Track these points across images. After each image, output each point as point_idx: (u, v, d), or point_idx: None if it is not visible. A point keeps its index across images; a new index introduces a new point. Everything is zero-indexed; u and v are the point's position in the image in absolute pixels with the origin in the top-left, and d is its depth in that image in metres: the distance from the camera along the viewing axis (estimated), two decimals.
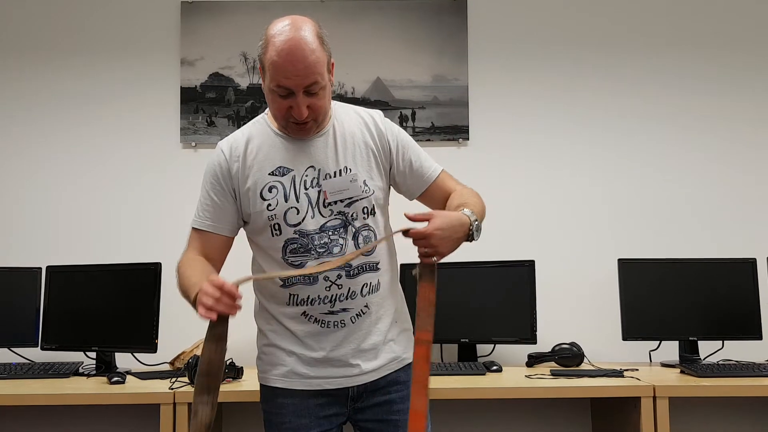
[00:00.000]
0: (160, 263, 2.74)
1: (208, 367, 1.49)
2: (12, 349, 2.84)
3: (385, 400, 1.74)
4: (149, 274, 2.73)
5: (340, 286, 1.67)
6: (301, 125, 1.66)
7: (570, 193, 3.10)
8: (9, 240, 3.03)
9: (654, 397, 2.31)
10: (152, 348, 2.66)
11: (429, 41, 3.09)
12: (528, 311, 2.80)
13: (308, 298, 1.69)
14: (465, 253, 1.85)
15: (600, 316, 2.95)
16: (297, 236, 1.68)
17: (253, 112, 3.09)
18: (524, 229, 3.05)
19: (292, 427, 1.71)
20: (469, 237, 1.60)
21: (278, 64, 1.57)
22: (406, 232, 1.56)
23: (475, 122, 3.08)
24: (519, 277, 2.83)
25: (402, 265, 1.88)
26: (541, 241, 3.02)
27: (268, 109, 1.74)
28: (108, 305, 2.77)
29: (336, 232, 1.68)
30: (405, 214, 1.56)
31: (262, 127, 1.75)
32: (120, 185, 3.08)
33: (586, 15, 3.15)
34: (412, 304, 1.66)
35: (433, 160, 1.84)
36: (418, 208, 1.76)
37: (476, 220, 1.61)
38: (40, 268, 2.88)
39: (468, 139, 3.07)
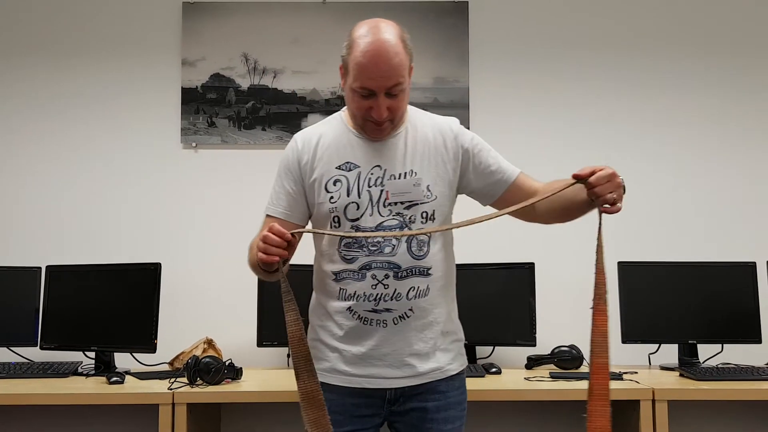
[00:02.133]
0: (160, 263, 2.74)
1: (313, 396, 1.54)
2: (11, 348, 2.84)
3: (421, 407, 1.74)
4: (149, 274, 2.73)
5: (386, 286, 1.68)
6: (378, 125, 1.69)
7: None
8: (9, 240, 3.03)
9: (653, 401, 2.31)
10: (151, 348, 2.66)
11: (430, 43, 3.10)
12: (527, 313, 2.80)
13: (354, 293, 1.70)
14: (465, 255, 1.85)
15: None
16: (353, 231, 1.71)
17: (253, 113, 3.10)
18: (524, 232, 3.03)
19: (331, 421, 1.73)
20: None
21: (363, 65, 1.62)
22: (583, 181, 1.58)
23: (475, 124, 3.08)
24: (519, 279, 2.83)
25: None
26: (541, 243, 3.01)
27: (345, 107, 1.80)
28: (107, 305, 2.77)
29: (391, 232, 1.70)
30: (573, 175, 1.60)
31: (337, 123, 1.80)
32: (120, 185, 3.08)
33: (587, 17, 3.16)
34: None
35: (510, 163, 1.84)
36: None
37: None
38: (40, 268, 2.88)
39: None
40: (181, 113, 3.09)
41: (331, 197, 1.72)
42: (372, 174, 1.72)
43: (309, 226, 1.80)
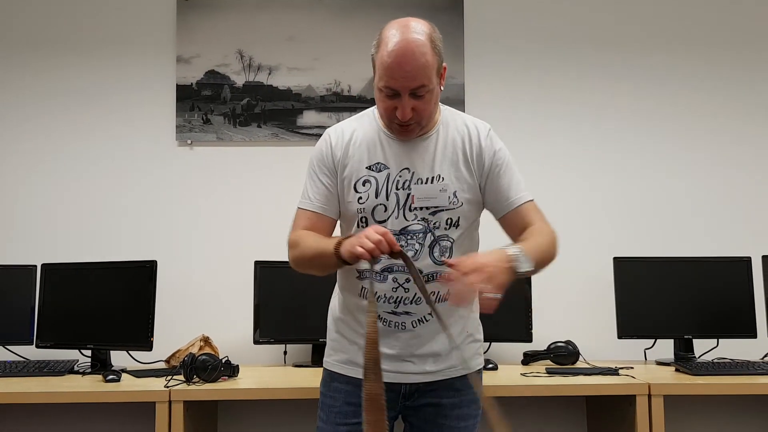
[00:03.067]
0: (156, 261, 2.74)
1: (376, 399, 1.51)
2: (6, 346, 2.83)
3: (435, 403, 1.76)
4: (145, 272, 2.72)
5: (406, 290, 1.70)
6: (404, 126, 1.68)
7: (566, 191, 3.10)
8: (4, 237, 3.02)
9: (649, 395, 2.31)
10: (148, 346, 2.66)
11: None
12: (523, 309, 2.81)
13: (376, 294, 1.71)
14: None
15: (595, 315, 2.96)
16: (409, 256, 1.69)
17: (248, 110, 3.09)
18: None
19: (341, 411, 1.76)
20: (512, 265, 1.54)
21: (388, 65, 1.60)
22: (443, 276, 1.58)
23: None
24: None
25: None
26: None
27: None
28: (103, 303, 2.77)
29: (414, 237, 1.70)
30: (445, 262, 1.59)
31: (369, 120, 1.79)
32: (115, 183, 3.07)
33: (583, 13, 3.16)
34: None
35: (526, 188, 1.80)
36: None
37: (518, 251, 1.56)
38: (35, 266, 2.87)
39: None
40: (176, 110, 3.08)
41: (360, 198, 1.73)
42: (400, 177, 1.72)
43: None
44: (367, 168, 1.74)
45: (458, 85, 3.09)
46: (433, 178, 1.72)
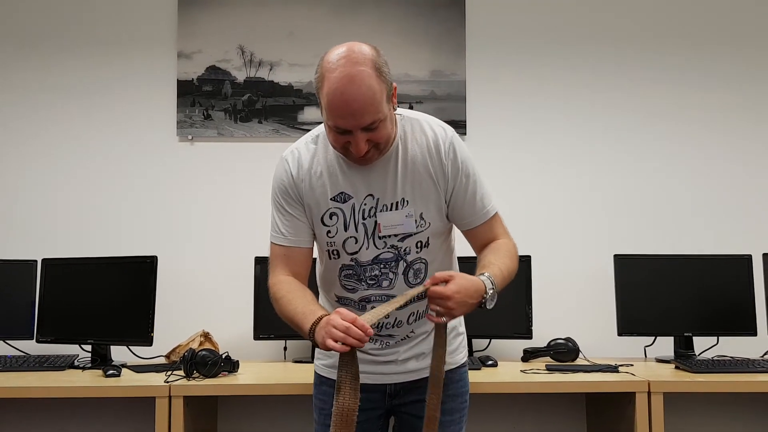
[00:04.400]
0: (156, 257, 2.74)
1: (347, 415, 1.47)
2: (7, 341, 2.83)
3: (421, 399, 1.74)
4: (145, 268, 2.73)
5: (387, 316, 1.64)
6: (364, 158, 1.58)
7: (567, 188, 3.10)
8: (4, 232, 3.02)
9: (649, 393, 2.31)
10: (148, 341, 2.66)
11: (427, 36, 3.09)
12: (524, 306, 2.81)
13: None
14: (461, 249, 1.85)
15: (595, 312, 2.96)
16: (353, 263, 1.69)
17: (249, 106, 3.09)
18: (520, 225, 3.03)
19: (330, 414, 1.74)
20: (481, 304, 1.56)
21: (333, 105, 1.49)
22: (424, 294, 1.55)
23: (472, 117, 3.08)
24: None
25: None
26: (538, 236, 3.02)
27: None
28: (104, 298, 2.77)
29: (387, 266, 1.68)
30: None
31: (325, 144, 1.68)
32: (116, 178, 3.07)
33: (585, 10, 3.15)
34: None
35: (491, 198, 1.74)
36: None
37: (492, 289, 1.56)
38: (36, 261, 2.87)
39: (465, 134, 3.06)
40: (177, 106, 3.08)
41: (329, 231, 1.68)
42: (365, 205, 1.65)
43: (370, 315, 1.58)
44: (331, 199, 1.66)
45: (460, 81, 3.08)
46: (397, 203, 1.65)
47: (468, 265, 2.03)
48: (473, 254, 1.71)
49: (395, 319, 1.71)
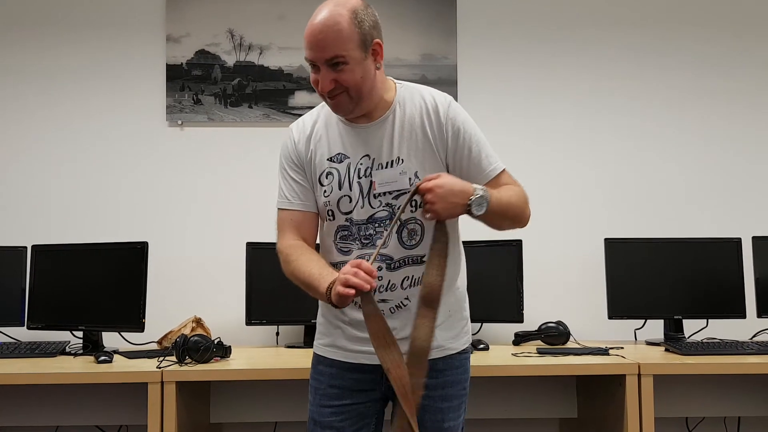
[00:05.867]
0: (147, 242, 2.72)
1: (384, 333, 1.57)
2: None
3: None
4: (136, 254, 2.71)
5: (380, 278, 1.68)
6: (333, 101, 1.66)
7: (557, 172, 3.10)
8: None
9: (639, 375, 2.33)
10: (139, 327, 2.65)
11: (417, 19, 3.07)
12: (515, 290, 2.82)
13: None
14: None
15: (586, 295, 2.97)
16: (348, 224, 1.71)
17: (239, 90, 3.06)
18: None
19: (326, 394, 1.77)
20: (468, 207, 1.58)
21: (306, 36, 1.63)
22: (416, 191, 1.59)
23: (463, 101, 3.06)
24: (507, 256, 2.84)
25: None
26: (529, 221, 3.01)
27: None
28: (94, 285, 2.76)
29: (382, 225, 1.69)
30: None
31: (328, 110, 1.75)
32: (105, 163, 3.05)
33: None
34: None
35: (497, 156, 1.76)
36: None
37: (481, 196, 1.59)
38: (26, 247, 2.85)
39: None
40: (166, 90, 3.05)
41: (325, 191, 1.72)
42: (361, 164, 1.70)
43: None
44: (328, 160, 1.73)
45: (451, 65, 3.07)
46: (392, 161, 1.69)
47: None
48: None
49: (388, 282, 1.70)
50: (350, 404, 1.73)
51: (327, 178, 1.72)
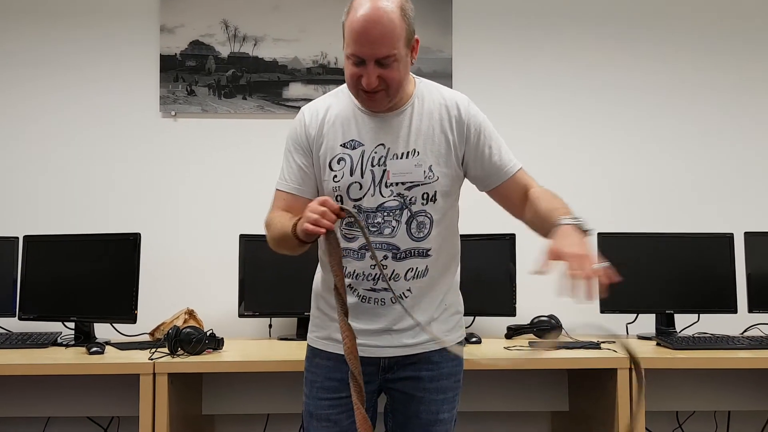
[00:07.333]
0: (140, 233, 2.72)
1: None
2: None
3: (414, 376, 1.77)
4: (128, 245, 2.71)
5: (384, 267, 1.69)
6: (370, 95, 1.65)
7: (551, 166, 3.09)
8: None
9: (630, 369, 2.34)
10: (132, 319, 2.65)
11: (413, 11, 3.05)
12: (508, 284, 2.82)
13: (354, 272, 1.72)
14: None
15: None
16: (356, 211, 1.69)
17: (233, 81, 3.05)
18: None
19: (323, 386, 1.77)
20: (586, 234, 1.59)
21: (354, 32, 1.58)
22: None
23: None
24: (500, 250, 2.84)
25: None
26: None
27: None
28: (87, 276, 2.75)
29: (391, 214, 1.69)
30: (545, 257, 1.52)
31: (344, 96, 1.76)
32: (98, 154, 3.04)
33: None
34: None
35: (513, 154, 1.79)
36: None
37: (578, 221, 1.58)
38: (17, 238, 2.84)
39: None
40: (160, 81, 3.04)
41: (335, 176, 1.71)
42: (375, 153, 1.70)
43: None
44: (341, 146, 1.72)
45: (446, 58, 3.06)
46: (408, 153, 1.70)
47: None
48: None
49: (392, 272, 1.70)
50: (347, 397, 1.73)
51: (339, 163, 1.71)
